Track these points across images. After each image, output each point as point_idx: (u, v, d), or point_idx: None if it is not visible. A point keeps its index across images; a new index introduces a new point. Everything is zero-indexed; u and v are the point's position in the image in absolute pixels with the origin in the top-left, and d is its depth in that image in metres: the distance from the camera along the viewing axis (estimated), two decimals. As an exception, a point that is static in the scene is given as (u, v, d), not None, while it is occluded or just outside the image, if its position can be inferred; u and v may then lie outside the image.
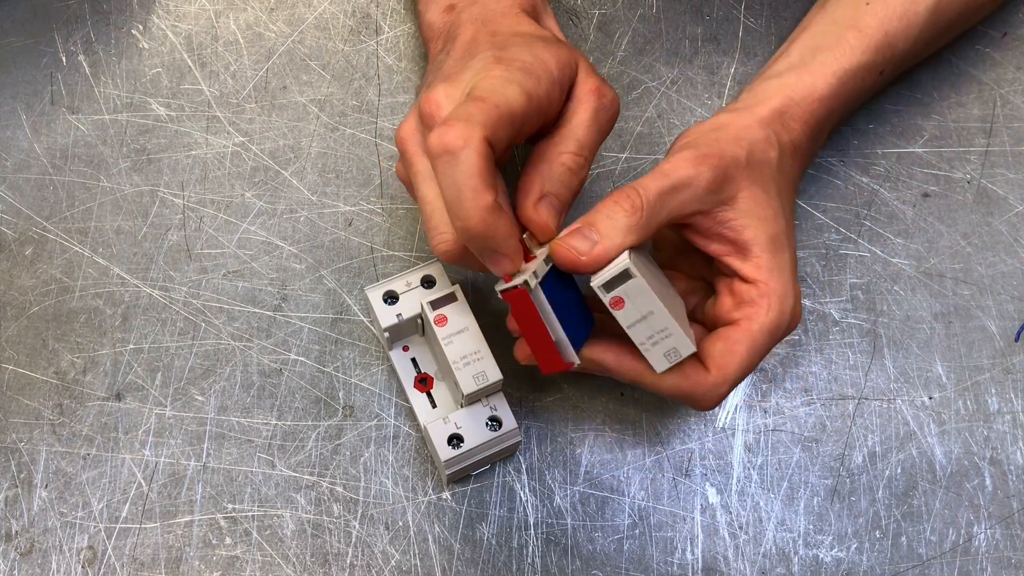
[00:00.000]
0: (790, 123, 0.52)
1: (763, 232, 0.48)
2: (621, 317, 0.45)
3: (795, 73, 0.53)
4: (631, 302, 0.44)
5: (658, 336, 0.45)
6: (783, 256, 0.48)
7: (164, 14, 0.63)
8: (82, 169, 0.59)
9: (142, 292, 0.57)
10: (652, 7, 0.64)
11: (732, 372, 0.47)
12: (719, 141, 0.48)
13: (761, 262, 0.47)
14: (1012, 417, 0.55)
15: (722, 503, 0.54)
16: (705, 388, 0.47)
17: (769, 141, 0.50)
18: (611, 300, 0.44)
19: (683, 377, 0.47)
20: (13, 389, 0.55)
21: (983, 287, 0.58)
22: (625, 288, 0.44)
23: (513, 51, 0.47)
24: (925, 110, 0.61)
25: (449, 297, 0.51)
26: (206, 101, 0.61)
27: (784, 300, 0.47)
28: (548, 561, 0.53)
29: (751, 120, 0.50)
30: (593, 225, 0.45)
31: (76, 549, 0.52)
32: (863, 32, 0.54)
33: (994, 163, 0.60)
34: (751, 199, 0.48)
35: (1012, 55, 0.63)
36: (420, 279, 0.52)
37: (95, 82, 0.61)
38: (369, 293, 0.52)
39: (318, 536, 0.53)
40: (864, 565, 0.53)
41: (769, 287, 0.47)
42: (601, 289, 0.44)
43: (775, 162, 0.50)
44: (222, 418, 0.55)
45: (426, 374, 0.54)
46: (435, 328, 0.50)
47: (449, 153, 0.42)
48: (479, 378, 0.49)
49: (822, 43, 0.54)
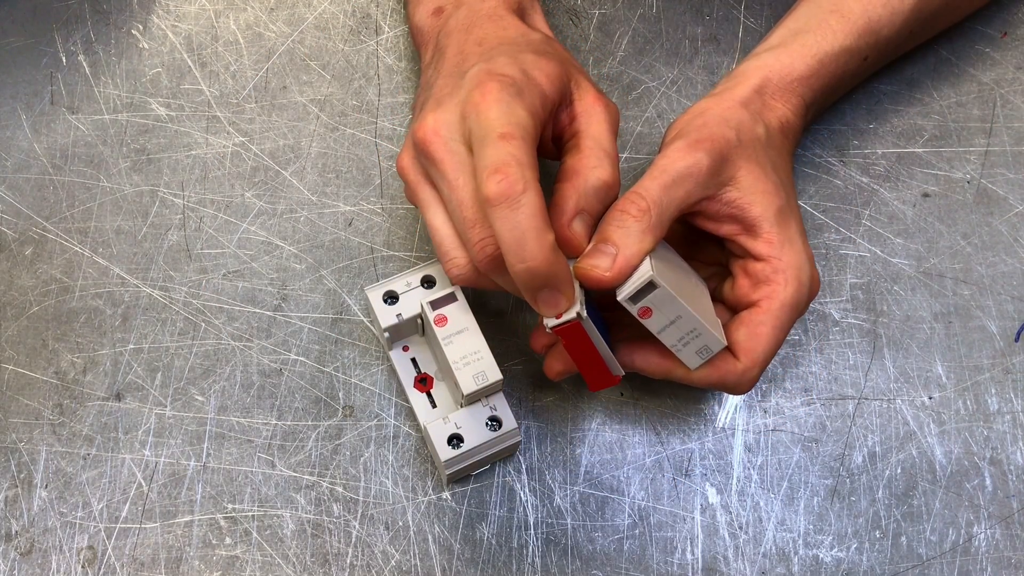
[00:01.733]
0: (770, 101, 0.52)
1: (769, 206, 0.48)
2: (651, 325, 0.45)
3: (772, 53, 0.53)
4: (658, 310, 0.45)
5: (688, 337, 0.46)
6: (791, 228, 0.49)
7: (164, 14, 0.63)
8: (82, 169, 0.59)
9: (142, 292, 0.57)
10: (652, 7, 0.64)
11: (760, 355, 0.48)
12: (707, 126, 0.49)
13: (772, 237, 0.48)
14: (1012, 417, 0.55)
15: (722, 503, 0.54)
16: (736, 375, 0.48)
17: (754, 119, 0.50)
18: (639, 311, 0.45)
19: (713, 369, 0.48)
20: (13, 389, 0.55)
21: (983, 287, 0.58)
22: (651, 298, 0.44)
23: (501, 62, 0.46)
24: (925, 110, 0.61)
25: (449, 297, 0.51)
26: (206, 101, 0.61)
27: (800, 272, 0.48)
28: (548, 561, 0.53)
29: (731, 102, 0.51)
30: (608, 240, 0.45)
31: (76, 549, 0.52)
32: (846, 17, 0.54)
33: (994, 163, 0.60)
34: (751, 176, 0.48)
35: (1012, 55, 0.63)
36: (420, 279, 0.52)
37: (95, 82, 0.61)
38: (369, 293, 0.52)
39: (318, 536, 0.53)
40: (864, 565, 0.53)
41: (783, 262, 0.48)
42: (628, 302, 0.44)
43: (763, 138, 0.50)
44: (222, 418, 0.55)
45: (426, 374, 0.54)
46: (435, 328, 0.50)
47: (510, 199, 0.42)
48: (479, 378, 0.49)
49: (803, 26, 0.54)
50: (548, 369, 0.51)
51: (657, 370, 0.49)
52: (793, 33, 0.54)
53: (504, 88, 0.44)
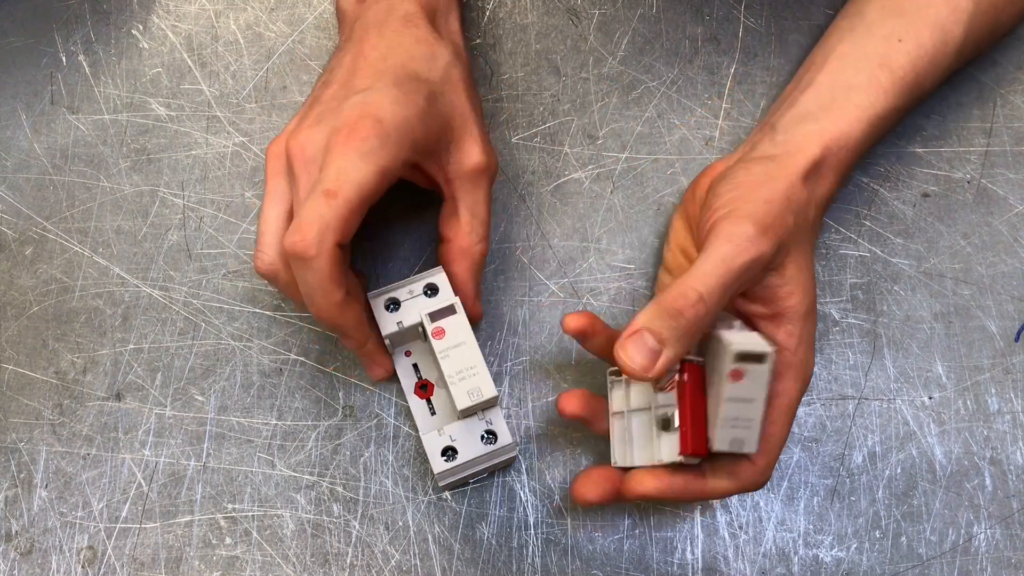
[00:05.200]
0: (827, 174, 0.50)
1: (805, 301, 0.47)
2: (729, 388, 0.44)
3: (830, 118, 0.51)
4: (749, 379, 0.44)
5: (743, 423, 0.44)
6: (812, 327, 0.48)
7: (164, 14, 0.63)
8: (82, 169, 0.59)
9: (142, 292, 0.57)
10: (652, 7, 0.64)
11: (775, 455, 0.48)
12: (772, 208, 0.46)
13: (793, 330, 0.47)
14: (1012, 417, 0.55)
15: (722, 503, 0.54)
16: (754, 478, 0.47)
17: (810, 200, 0.49)
18: (734, 371, 0.43)
19: (733, 479, 0.47)
20: (13, 389, 0.55)
21: (983, 287, 0.58)
22: (752, 368, 0.44)
23: (385, 102, 0.47)
24: (925, 110, 0.61)
25: (448, 309, 0.50)
26: (206, 101, 0.61)
27: (807, 369, 0.48)
28: (548, 561, 0.53)
29: (794, 176, 0.48)
30: (655, 334, 0.43)
31: (76, 549, 0.52)
32: (895, 73, 0.52)
33: (994, 163, 0.60)
34: (796, 265, 0.47)
35: (1012, 55, 0.63)
36: (423, 287, 0.52)
37: (95, 82, 0.61)
38: (371, 300, 0.52)
39: (318, 536, 0.53)
40: (864, 565, 0.53)
41: (797, 358, 0.47)
42: (734, 357, 0.43)
43: (812, 221, 0.49)
44: (222, 418, 0.55)
45: (427, 380, 0.53)
46: (432, 340, 0.50)
47: (303, 259, 0.45)
48: (473, 394, 0.49)
49: (854, 81, 0.52)
50: (563, 401, 0.50)
51: (677, 491, 0.47)
52: (844, 89, 0.52)
53: (367, 139, 0.46)
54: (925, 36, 0.53)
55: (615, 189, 0.59)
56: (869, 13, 0.54)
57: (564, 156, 0.59)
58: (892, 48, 0.52)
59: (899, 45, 0.52)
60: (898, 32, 0.53)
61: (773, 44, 0.63)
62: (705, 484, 0.47)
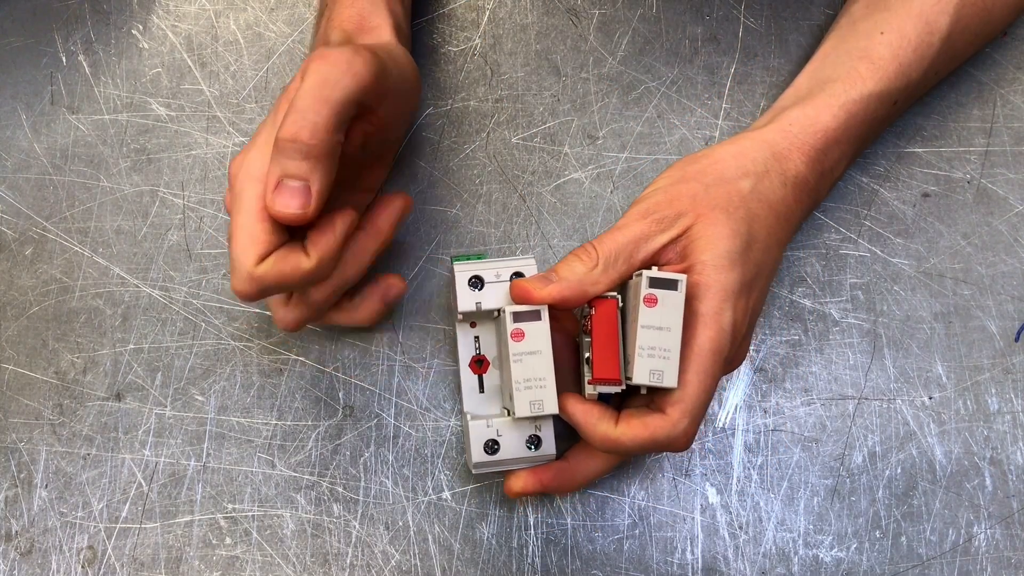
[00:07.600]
0: (788, 153, 0.51)
1: (715, 256, 0.47)
2: (644, 314, 0.45)
3: (799, 105, 0.52)
4: (663, 306, 0.45)
5: (660, 353, 0.45)
6: (729, 282, 0.47)
7: (164, 14, 0.63)
8: (82, 169, 0.59)
9: (142, 292, 0.57)
10: (652, 7, 0.64)
11: (690, 408, 0.45)
12: (684, 183, 0.49)
13: (700, 280, 0.46)
14: (1012, 417, 0.55)
15: (722, 503, 0.54)
16: (667, 430, 0.45)
17: (744, 170, 0.50)
18: (647, 296, 0.45)
19: (643, 427, 0.45)
20: (13, 389, 0.55)
21: (983, 287, 0.58)
22: (665, 294, 0.45)
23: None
24: (925, 110, 0.61)
25: (535, 315, 0.48)
26: (206, 101, 0.61)
27: (721, 321, 0.46)
28: (548, 561, 0.53)
29: (720, 151, 0.51)
30: (554, 270, 0.48)
31: (76, 549, 0.52)
32: (876, 63, 0.53)
33: (994, 163, 0.60)
34: (704, 223, 0.48)
35: (1012, 55, 0.63)
36: (511, 273, 0.50)
37: (95, 82, 0.61)
38: (456, 268, 0.50)
39: (318, 536, 0.53)
40: (864, 565, 0.53)
41: (705, 306, 0.46)
42: (647, 283, 0.45)
43: (748, 188, 0.49)
44: (222, 418, 0.55)
45: (484, 356, 0.52)
46: (509, 341, 0.48)
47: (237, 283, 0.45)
48: (535, 405, 0.47)
49: (832, 74, 0.53)
50: (511, 482, 0.50)
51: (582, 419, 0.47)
52: (820, 82, 0.53)
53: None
54: (908, 27, 0.53)
55: (615, 189, 0.59)
56: (856, 11, 0.56)
57: (564, 156, 0.59)
58: (873, 42, 0.53)
59: (880, 38, 0.53)
60: (880, 26, 0.54)
61: (773, 44, 0.63)
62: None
